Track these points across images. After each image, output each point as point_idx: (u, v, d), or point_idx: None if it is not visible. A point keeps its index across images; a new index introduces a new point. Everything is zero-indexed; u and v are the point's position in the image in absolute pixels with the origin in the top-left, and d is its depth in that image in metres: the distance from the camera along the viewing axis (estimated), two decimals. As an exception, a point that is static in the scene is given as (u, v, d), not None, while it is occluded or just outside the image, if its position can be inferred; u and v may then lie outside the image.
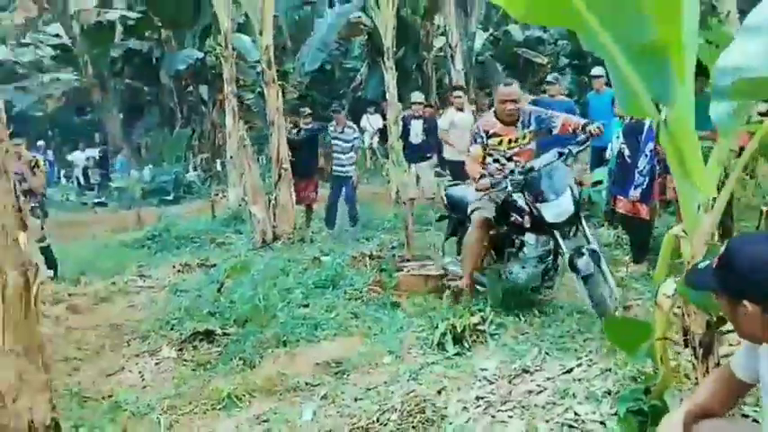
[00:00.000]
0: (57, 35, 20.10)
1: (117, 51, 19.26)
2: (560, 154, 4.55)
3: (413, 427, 3.26)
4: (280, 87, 9.28)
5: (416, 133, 9.79)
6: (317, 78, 20.72)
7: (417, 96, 10.98)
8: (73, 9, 18.81)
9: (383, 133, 14.63)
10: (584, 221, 4.47)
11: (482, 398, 3.47)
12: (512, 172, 4.55)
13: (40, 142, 13.40)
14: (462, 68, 13.19)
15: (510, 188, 4.48)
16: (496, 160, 4.79)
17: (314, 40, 18.42)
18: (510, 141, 4.72)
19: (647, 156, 5.20)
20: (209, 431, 3.53)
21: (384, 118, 14.10)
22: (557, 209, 4.34)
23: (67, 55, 19.66)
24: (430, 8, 18.49)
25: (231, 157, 11.66)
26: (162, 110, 20.13)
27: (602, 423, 2.94)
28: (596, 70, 8.40)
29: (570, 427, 3.01)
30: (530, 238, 4.61)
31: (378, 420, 3.33)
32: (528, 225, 4.52)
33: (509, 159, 4.73)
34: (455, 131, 9.05)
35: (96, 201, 16.10)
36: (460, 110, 9.37)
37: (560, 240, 4.40)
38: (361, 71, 20.94)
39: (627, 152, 5.50)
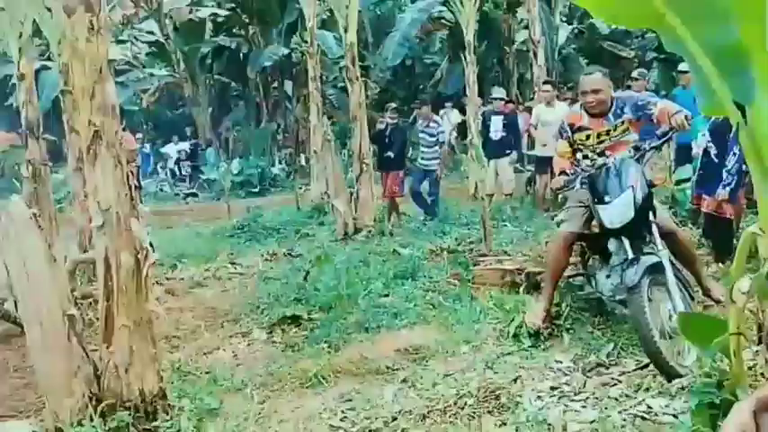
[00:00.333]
0: (151, 32, 21.16)
1: (207, 47, 20.07)
2: (636, 149, 4.17)
3: (488, 412, 3.43)
4: (362, 83, 9.55)
5: (496, 129, 9.87)
6: (398, 73, 20.96)
7: (498, 92, 11.02)
8: (167, 7, 19.77)
9: (461, 128, 14.73)
10: (654, 227, 3.97)
11: (556, 388, 3.61)
12: (583, 169, 4.22)
13: (138, 135, 14.16)
14: (545, 63, 13.08)
15: (578, 186, 4.23)
16: (586, 156, 4.36)
17: (396, 35, 18.64)
18: (599, 135, 4.25)
19: (735, 154, 5.12)
20: (297, 407, 3.78)
21: (463, 113, 14.20)
22: (611, 211, 3.94)
23: (161, 51, 20.64)
24: (512, 2, 18.39)
25: (315, 152, 12.03)
26: (248, 105, 20.85)
27: (674, 416, 3.01)
28: (684, 65, 8.22)
29: (642, 419, 3.10)
30: (611, 244, 4.20)
31: (455, 404, 3.51)
32: (597, 230, 4.22)
33: (600, 154, 4.22)
34: (543, 127, 9.08)
35: (188, 192, 16.92)
36: (549, 104, 9.36)
37: (628, 246, 3.96)
38: (441, 66, 21.03)
39: (714, 150, 5.44)
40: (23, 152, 14.48)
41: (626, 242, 3.98)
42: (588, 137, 4.30)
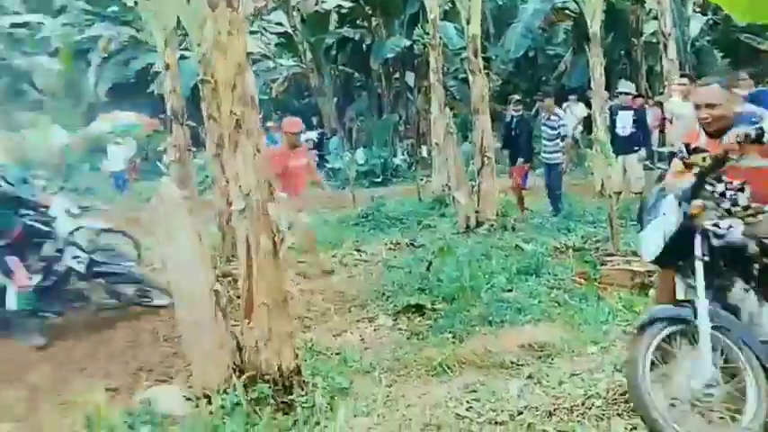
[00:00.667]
0: (279, 23, 21.96)
1: (332, 39, 20.58)
2: None
3: (617, 414, 3.38)
4: (484, 75, 9.50)
5: (624, 125, 9.49)
6: (521, 65, 20.61)
7: (625, 86, 10.62)
8: (294, -1, 20.45)
9: (586, 122, 14.29)
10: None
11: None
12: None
13: (270, 123, 14.77)
14: (676, 56, 12.41)
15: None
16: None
17: (518, 26, 18.33)
18: (717, 158, 3.32)
19: None
20: (423, 393, 3.89)
21: (588, 107, 13.78)
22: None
23: (289, 42, 21.37)
24: (641, -9, 17.56)
25: (436, 144, 12.10)
26: (371, 95, 21.22)
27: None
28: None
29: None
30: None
31: (583, 404, 3.49)
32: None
33: (718, 180, 3.41)
34: (678, 122, 8.66)
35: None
36: (686, 98, 8.89)
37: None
38: (565, 58, 20.47)
39: None
40: (165, 137, 15.53)
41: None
42: (704, 159, 3.43)
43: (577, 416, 3.40)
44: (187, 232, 3.97)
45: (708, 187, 3.39)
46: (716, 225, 3.24)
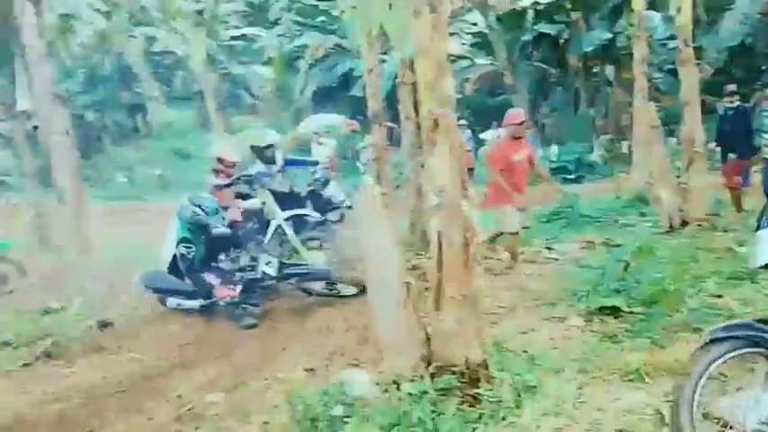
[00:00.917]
0: (475, 23, 22.04)
1: (528, 36, 20.28)
2: None
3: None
4: (695, 66, 8.78)
5: None
6: (736, 54, 18.77)
7: None
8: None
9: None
10: None
11: None
12: None
13: (462, 121, 14.93)
14: None
15: None
16: None
17: (734, 12, 16.71)
18: None
19: None
20: (616, 398, 3.70)
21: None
22: None
23: (484, 41, 21.43)
24: None
25: (637, 139, 11.42)
26: (566, 91, 20.59)
27: None
28: None
29: None
30: None
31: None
32: None
33: None
34: None
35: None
36: None
37: None
38: (787, 46, 18.30)
39: None
40: (363, 136, 16.25)
41: None
42: None
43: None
44: (383, 227, 4.15)
45: None
46: None
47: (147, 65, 24.25)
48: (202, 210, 6.26)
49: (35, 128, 9.96)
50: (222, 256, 6.40)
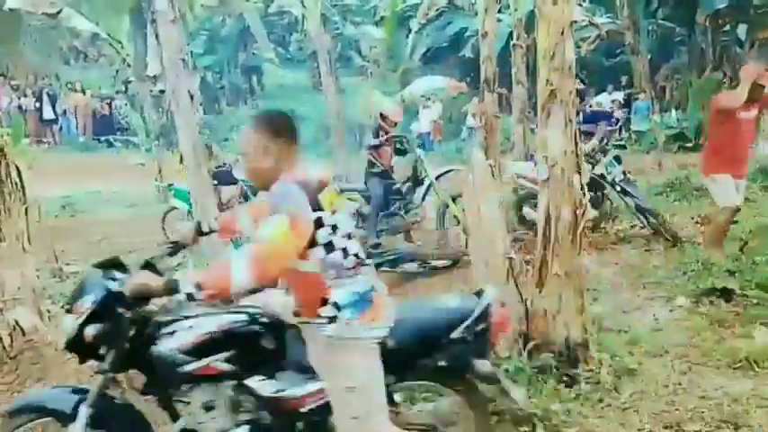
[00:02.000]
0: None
1: (654, -8, 19.08)
2: None
3: None
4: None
5: None
6: None
7: None
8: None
9: None
10: None
11: None
12: None
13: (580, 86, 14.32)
14: None
15: None
16: None
17: None
18: None
19: None
20: (721, 385, 3.62)
21: None
22: None
23: (602, -2, 20.32)
24: None
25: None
26: (692, 51, 19.28)
27: None
28: None
29: None
30: None
31: None
32: None
33: None
34: None
35: (616, 143, 16.55)
36: None
37: None
38: None
39: None
40: (470, 99, 16.02)
41: None
42: None
43: None
44: (492, 199, 4.16)
45: None
46: None
47: (264, 26, 24.89)
48: None
49: (162, 92, 10.61)
50: None
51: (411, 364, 2.55)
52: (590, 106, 14.03)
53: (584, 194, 3.84)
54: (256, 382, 2.46)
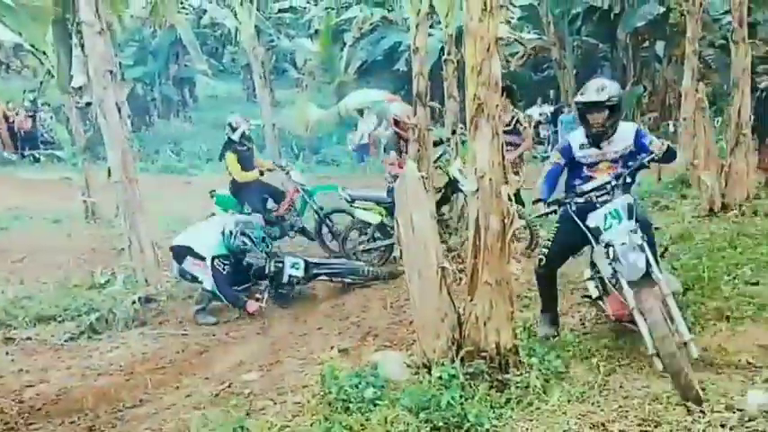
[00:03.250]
0: (524, -5, 21.52)
1: (578, 9, 19.81)
2: None
3: None
4: (749, 45, 8.57)
5: None
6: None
7: None
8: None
9: None
10: None
11: None
12: None
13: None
14: None
15: None
16: None
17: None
18: None
19: None
20: (644, 385, 3.77)
21: None
22: None
23: (532, 15, 20.99)
24: None
25: (684, 119, 11.20)
26: (614, 67, 20.14)
27: None
28: None
29: None
30: None
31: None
32: None
33: None
34: None
35: (543, 155, 17.16)
36: None
37: None
38: None
39: None
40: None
41: None
42: None
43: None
44: (424, 210, 4.21)
45: None
46: None
47: (196, 38, 24.51)
48: (251, 240, 6.54)
49: (88, 104, 10.31)
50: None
51: None
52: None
53: (512, 204, 3.95)
54: None
